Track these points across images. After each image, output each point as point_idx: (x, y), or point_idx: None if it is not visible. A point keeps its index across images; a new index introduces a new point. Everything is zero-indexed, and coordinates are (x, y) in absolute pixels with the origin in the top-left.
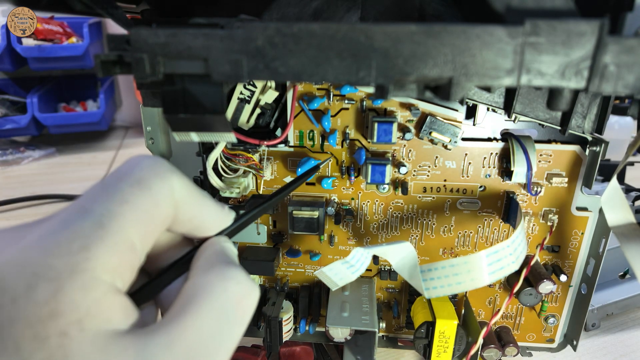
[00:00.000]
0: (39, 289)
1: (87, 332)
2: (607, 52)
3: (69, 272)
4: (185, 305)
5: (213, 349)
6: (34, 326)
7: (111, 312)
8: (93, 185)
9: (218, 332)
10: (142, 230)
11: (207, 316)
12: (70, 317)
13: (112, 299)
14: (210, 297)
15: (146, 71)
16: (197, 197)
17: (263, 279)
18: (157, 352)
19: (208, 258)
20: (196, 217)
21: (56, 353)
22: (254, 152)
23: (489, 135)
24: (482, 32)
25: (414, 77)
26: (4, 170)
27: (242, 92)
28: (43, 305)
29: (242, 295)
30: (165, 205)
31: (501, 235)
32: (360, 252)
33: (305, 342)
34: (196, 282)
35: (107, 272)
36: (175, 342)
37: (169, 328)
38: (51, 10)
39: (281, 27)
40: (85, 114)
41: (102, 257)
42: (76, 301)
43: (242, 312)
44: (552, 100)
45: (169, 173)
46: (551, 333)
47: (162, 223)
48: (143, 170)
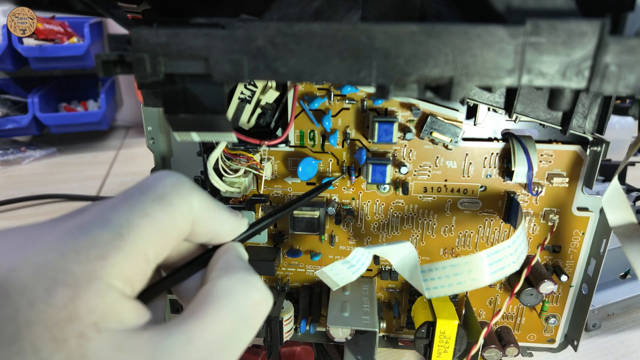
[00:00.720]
0: (58, 294)
1: (104, 334)
2: (608, 52)
3: (85, 279)
4: (204, 305)
5: (227, 349)
6: (52, 329)
7: (124, 314)
8: (115, 195)
9: (234, 333)
10: (158, 243)
11: (226, 318)
12: (87, 320)
13: (125, 304)
14: (232, 301)
15: (147, 71)
16: (214, 212)
17: (263, 279)
18: (174, 348)
19: (229, 262)
20: (213, 230)
21: (75, 353)
22: (254, 152)
23: (489, 135)
24: (483, 32)
25: (415, 77)
26: (4, 170)
27: (242, 92)
28: (61, 309)
29: (259, 301)
30: (183, 221)
31: (502, 235)
32: (360, 252)
33: (305, 342)
34: (218, 284)
35: (120, 280)
36: (192, 340)
37: (187, 325)
38: (52, 10)
39: (282, 27)
40: (86, 114)
41: (117, 266)
42: (92, 306)
43: (257, 317)
44: (553, 100)
45: (190, 191)
46: (552, 333)
47: (178, 237)
48: (167, 187)
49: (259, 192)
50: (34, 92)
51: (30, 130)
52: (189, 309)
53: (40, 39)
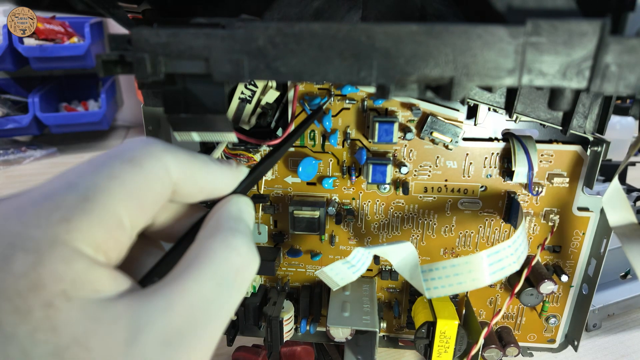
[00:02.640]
0: (17, 261)
1: (75, 302)
2: (608, 52)
3: (48, 244)
4: (187, 269)
5: (211, 314)
6: (13, 299)
7: (98, 283)
8: (80, 162)
9: (217, 297)
10: (132, 207)
11: (207, 282)
12: (54, 289)
13: (98, 271)
14: (211, 264)
15: (147, 71)
16: (199, 168)
17: (264, 279)
18: (155, 315)
19: (218, 221)
20: (205, 187)
21: (42, 324)
22: (255, 152)
23: (490, 135)
24: (483, 32)
25: (415, 77)
26: (5, 169)
27: (243, 92)
28: (21, 277)
29: (242, 265)
30: (158, 183)
31: (502, 235)
32: (361, 252)
33: (306, 342)
34: (200, 246)
35: (90, 246)
36: (173, 305)
37: (168, 290)
38: (53, 10)
39: (282, 27)
40: (86, 114)
41: (85, 230)
42: (58, 273)
43: (241, 281)
44: (553, 100)
45: (162, 152)
46: (552, 333)
47: (156, 201)
48: (136, 150)
49: (260, 192)
50: (35, 92)
51: (30, 130)
52: (172, 273)
53: (41, 39)
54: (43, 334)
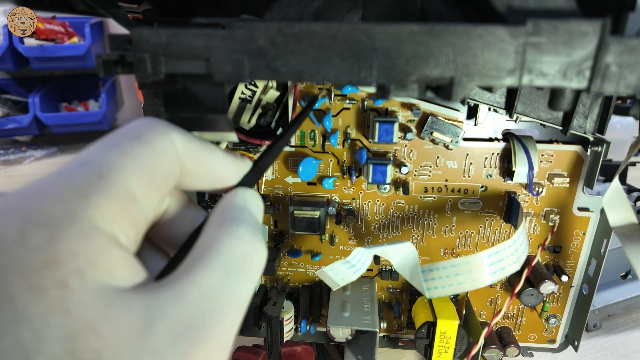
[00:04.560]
0: (33, 236)
1: (90, 284)
2: (609, 52)
3: (65, 219)
4: (193, 261)
5: (221, 302)
6: (28, 276)
7: (114, 265)
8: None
9: (225, 285)
10: (144, 181)
11: (214, 271)
12: (69, 267)
13: (114, 251)
14: (216, 254)
15: (148, 71)
16: (203, 148)
17: (264, 279)
18: (166, 306)
19: (222, 211)
20: (209, 168)
21: (56, 305)
22: (255, 152)
23: (490, 135)
24: (483, 32)
25: (416, 77)
26: (5, 169)
27: (243, 92)
28: (37, 253)
29: (247, 253)
30: (167, 158)
31: (502, 235)
32: (361, 252)
33: (306, 342)
34: (206, 238)
35: (106, 221)
36: (183, 295)
37: (178, 282)
38: (53, 10)
39: (283, 27)
40: (86, 114)
41: (101, 205)
42: (74, 250)
43: (250, 268)
44: (553, 101)
45: (168, 129)
46: (552, 333)
47: (166, 177)
48: (142, 128)
49: (260, 192)
50: (35, 92)
51: (31, 130)
52: (181, 266)
53: (41, 39)
54: (56, 316)
